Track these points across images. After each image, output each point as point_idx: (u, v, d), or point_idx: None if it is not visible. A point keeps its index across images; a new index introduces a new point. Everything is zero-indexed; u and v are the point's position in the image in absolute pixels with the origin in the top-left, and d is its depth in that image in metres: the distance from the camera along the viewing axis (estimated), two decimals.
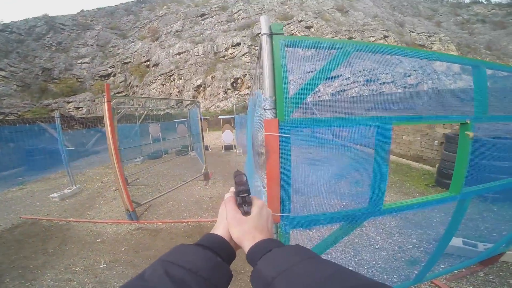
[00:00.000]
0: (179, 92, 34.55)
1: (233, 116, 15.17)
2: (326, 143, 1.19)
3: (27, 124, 9.42)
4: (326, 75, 1.13)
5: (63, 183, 6.66)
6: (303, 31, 36.39)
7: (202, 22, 46.26)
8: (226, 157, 9.99)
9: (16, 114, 30.28)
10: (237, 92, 32.02)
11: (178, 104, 23.86)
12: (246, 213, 0.53)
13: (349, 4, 47.22)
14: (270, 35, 1.05)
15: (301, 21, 38.07)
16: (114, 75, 42.31)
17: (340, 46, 1.13)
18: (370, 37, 37.77)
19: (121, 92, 39.86)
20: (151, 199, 4.78)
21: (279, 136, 0.98)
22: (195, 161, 8.85)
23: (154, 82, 37.55)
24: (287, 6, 44.21)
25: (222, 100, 31.81)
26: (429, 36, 43.41)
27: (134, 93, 39.06)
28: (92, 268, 2.92)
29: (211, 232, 0.53)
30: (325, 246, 1.52)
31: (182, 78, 35.16)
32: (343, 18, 42.49)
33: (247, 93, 31.10)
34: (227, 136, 11.26)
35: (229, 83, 31.66)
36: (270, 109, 1.03)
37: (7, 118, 27.00)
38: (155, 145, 11.01)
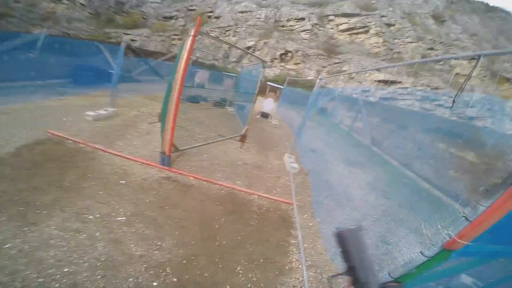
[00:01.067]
0: (228, 48, 33.81)
1: (282, 87, 14.29)
2: None
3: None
4: None
5: (101, 102, 6.19)
6: (381, 27, 32.61)
7: None
8: (260, 123, 9.51)
9: (78, 37, 32.37)
10: (283, 64, 30.52)
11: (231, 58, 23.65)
12: None
13: (450, 15, 41.00)
14: None
15: (383, 16, 33.95)
16: (176, 19, 42.60)
17: None
18: (453, 53, 32.90)
19: (177, 35, 40.40)
20: (188, 147, 4.30)
21: None
22: (232, 117, 8.52)
23: (208, 33, 37.10)
24: None
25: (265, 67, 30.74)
26: None
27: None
28: (109, 219, 2.35)
29: None
30: None
31: (237, 35, 34.16)
32: (435, 26, 37.15)
33: (293, 69, 29.59)
34: (268, 104, 10.96)
35: (278, 53, 30.16)
36: None
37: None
38: (196, 90, 10.87)
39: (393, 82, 25.26)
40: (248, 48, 31.20)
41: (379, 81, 24.69)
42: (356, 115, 8.09)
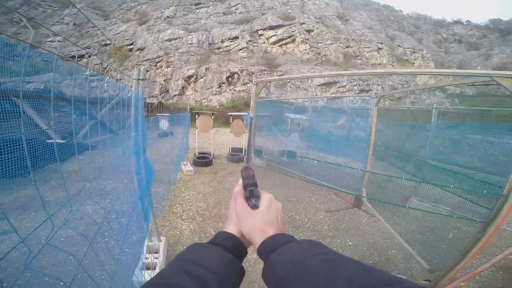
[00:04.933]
0: (165, 80, 31.62)
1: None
2: None
3: None
4: None
5: None
6: (304, 34, 35.58)
7: (197, 11, 43.26)
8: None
9: None
10: (232, 87, 30.09)
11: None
12: (254, 207, 0.51)
13: (347, 14, 47.70)
14: None
15: (302, 23, 37.19)
16: (89, 57, 37.90)
17: None
18: (365, 47, 38.28)
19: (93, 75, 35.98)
20: None
21: None
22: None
23: (136, 68, 34.01)
24: (288, 7, 43.05)
25: (215, 94, 29.62)
26: (413, 52, 45.35)
27: (111, 77, 35.59)
28: None
29: (224, 230, 0.53)
30: None
31: (171, 66, 32.18)
32: (343, 26, 42.62)
33: (243, 90, 29.41)
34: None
35: (224, 76, 29.55)
36: None
37: None
38: None
39: (331, 83, 27.50)
40: (190, 77, 29.61)
41: (321, 85, 26.55)
42: None
